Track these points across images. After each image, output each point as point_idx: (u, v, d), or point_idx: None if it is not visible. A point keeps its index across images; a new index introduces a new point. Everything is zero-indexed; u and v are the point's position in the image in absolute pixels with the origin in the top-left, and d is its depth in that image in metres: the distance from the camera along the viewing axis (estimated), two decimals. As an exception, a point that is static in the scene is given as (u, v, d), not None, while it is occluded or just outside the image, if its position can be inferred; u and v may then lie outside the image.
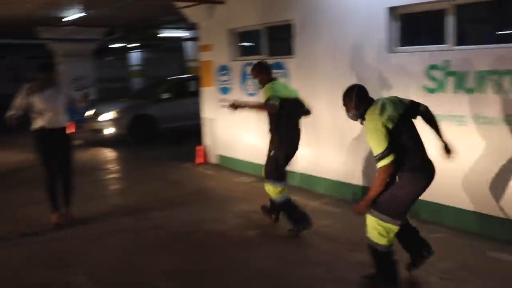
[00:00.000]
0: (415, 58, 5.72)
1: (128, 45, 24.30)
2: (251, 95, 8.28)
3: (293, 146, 5.62)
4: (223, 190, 7.69)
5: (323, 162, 7.17)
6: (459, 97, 5.33)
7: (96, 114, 12.88)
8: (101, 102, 15.52)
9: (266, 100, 5.39)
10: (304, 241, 5.39)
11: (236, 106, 5.59)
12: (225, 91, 9.04)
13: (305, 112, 5.86)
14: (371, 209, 3.98)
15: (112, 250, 5.34)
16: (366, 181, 6.37)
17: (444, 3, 5.43)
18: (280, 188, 5.56)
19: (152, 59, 29.67)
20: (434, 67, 5.51)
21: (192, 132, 11.31)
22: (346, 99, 4.15)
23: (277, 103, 5.33)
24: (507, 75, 4.91)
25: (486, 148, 5.19)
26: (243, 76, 8.47)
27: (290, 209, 5.66)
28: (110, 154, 11.75)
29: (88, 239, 5.69)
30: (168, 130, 13.11)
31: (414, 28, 6.21)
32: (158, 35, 19.81)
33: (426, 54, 5.62)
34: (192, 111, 11.13)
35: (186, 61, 20.40)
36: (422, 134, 4.08)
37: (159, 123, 12.86)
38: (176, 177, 8.79)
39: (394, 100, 4.04)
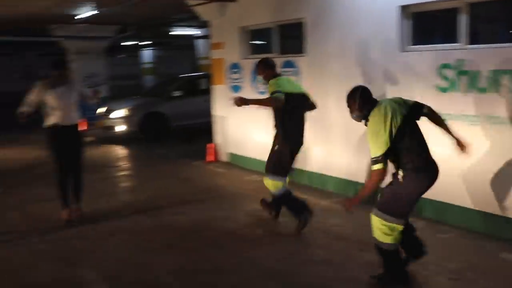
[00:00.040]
0: (427, 57, 5.68)
1: (140, 43, 24.39)
2: (261, 93, 8.26)
3: (298, 141, 5.66)
4: (234, 188, 7.70)
5: (334, 160, 7.14)
6: (472, 96, 5.28)
7: (108, 112, 12.94)
8: (112, 99, 15.60)
9: (271, 95, 5.41)
10: (314, 240, 5.38)
11: (241, 102, 5.56)
12: (236, 89, 9.05)
13: (310, 106, 5.88)
14: (375, 209, 4.01)
15: (122, 247, 5.36)
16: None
17: (457, 2, 5.38)
18: (279, 182, 5.59)
19: (164, 57, 29.79)
20: (446, 66, 5.46)
21: (203, 130, 11.32)
22: (350, 100, 4.16)
23: (282, 97, 5.35)
24: (520, 75, 4.86)
25: (499, 148, 5.13)
26: (254, 74, 8.46)
27: (290, 201, 5.69)
28: (121, 151, 11.81)
29: (99, 236, 5.73)
30: (179, 128, 13.14)
31: (426, 26, 6.17)
32: (170, 33, 19.86)
33: (438, 53, 5.57)
34: (204, 109, 11.14)
35: (197, 59, 20.43)
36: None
37: (170, 121, 12.90)
38: (187, 175, 8.81)
39: (398, 101, 4.05)
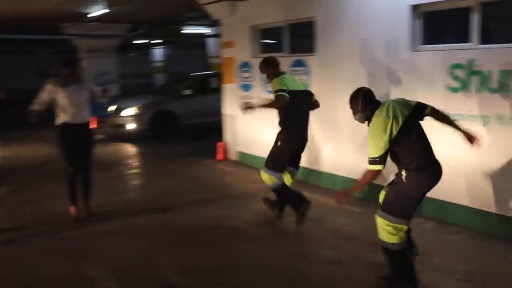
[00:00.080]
0: (438, 57, 5.63)
1: (151, 41, 24.47)
2: (271, 92, 8.24)
3: (301, 138, 5.73)
4: (242, 187, 7.70)
5: (343, 160, 7.11)
6: (483, 97, 5.23)
7: (118, 110, 13.00)
8: (123, 97, 15.68)
9: (275, 94, 5.45)
10: (323, 240, 5.36)
11: (247, 109, 5.67)
12: (246, 88, 9.04)
13: (313, 105, 5.93)
14: (379, 210, 4.05)
15: (131, 245, 5.38)
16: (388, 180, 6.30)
17: (469, 1, 5.33)
18: (275, 178, 5.65)
19: (175, 55, 29.88)
20: (458, 66, 5.41)
21: (213, 128, 11.33)
22: (353, 102, 4.18)
23: (286, 96, 5.40)
24: (532, 75, 4.82)
25: (510, 149, 5.08)
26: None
27: (286, 193, 5.76)
28: (131, 149, 11.86)
29: (107, 233, 5.75)
30: (189, 126, 13.16)
31: (437, 26, 6.12)
32: (181, 31, 19.91)
33: (449, 53, 5.53)
34: (214, 107, 11.14)
35: (208, 57, 20.46)
36: (440, 137, 4.04)
37: (180, 119, 12.92)
38: (196, 173, 8.82)
39: (401, 102, 4.07)
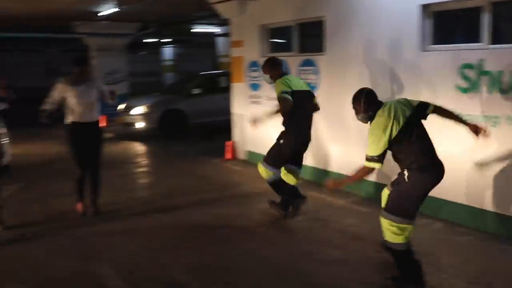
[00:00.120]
0: (448, 56, 5.59)
1: (161, 40, 24.54)
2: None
3: (303, 139, 5.82)
4: (250, 186, 7.69)
5: (352, 160, 7.07)
6: (493, 97, 5.18)
7: (128, 108, 13.05)
8: (133, 96, 15.74)
9: (279, 97, 5.52)
10: (330, 240, 5.34)
11: (256, 123, 5.83)
12: (255, 87, 9.03)
13: (314, 106, 6.00)
14: (383, 211, 4.08)
15: (138, 243, 5.39)
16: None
17: (479, 0, 5.29)
18: (272, 172, 5.80)
19: (184, 54, 29.93)
20: (468, 66, 5.37)
21: (222, 127, 11.34)
22: (356, 102, 4.21)
23: (290, 98, 5.47)
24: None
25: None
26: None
27: (282, 187, 5.88)
28: (140, 148, 11.89)
29: (115, 232, 5.77)
30: (198, 125, 13.19)
31: (447, 26, 6.07)
32: (191, 30, 19.94)
33: (459, 53, 5.48)
34: (223, 106, 11.15)
35: (218, 56, 20.48)
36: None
37: (189, 118, 12.94)
38: (204, 172, 8.83)
39: (403, 103, 4.11)
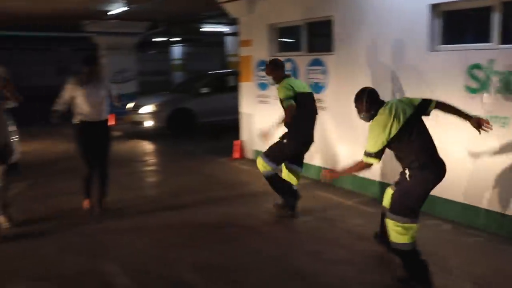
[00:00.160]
0: (457, 57, 5.55)
1: (170, 39, 24.60)
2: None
3: (305, 139, 5.86)
4: (258, 185, 7.67)
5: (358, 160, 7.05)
6: (503, 98, 5.14)
7: (136, 107, 13.10)
8: (141, 95, 15.79)
9: (283, 101, 5.62)
10: (337, 240, 5.33)
11: (267, 135, 5.89)
12: (263, 86, 9.03)
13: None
14: (387, 212, 4.13)
15: (146, 241, 5.40)
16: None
17: (489, 0, 5.25)
18: (270, 167, 5.82)
19: (193, 53, 29.98)
20: (477, 66, 5.33)
21: (230, 127, 11.34)
22: (358, 101, 4.31)
23: (293, 104, 5.55)
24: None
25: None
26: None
27: (278, 183, 5.93)
28: (148, 146, 11.92)
29: (123, 229, 5.78)
30: (206, 124, 13.21)
31: (456, 25, 6.03)
32: (200, 29, 19.97)
33: (468, 53, 5.44)
34: (232, 105, 11.15)
35: (227, 56, 20.50)
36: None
37: (198, 117, 12.97)
38: (212, 171, 8.84)
39: (405, 102, 4.17)
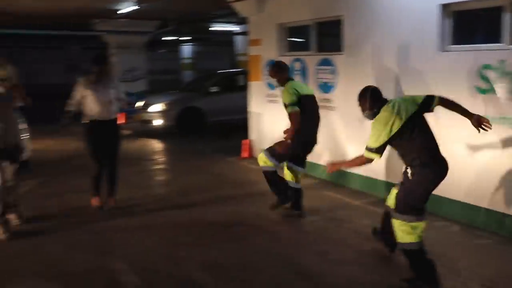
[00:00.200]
0: (468, 57, 5.52)
1: (180, 38, 24.63)
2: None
3: (308, 140, 5.93)
4: (266, 185, 7.62)
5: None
6: (513, 98, 5.12)
7: (146, 106, 13.15)
8: (151, 93, 15.83)
9: (288, 107, 5.68)
10: (345, 240, 5.32)
11: (285, 146, 5.80)
12: (272, 86, 9.03)
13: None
14: (393, 212, 4.18)
15: (154, 240, 5.42)
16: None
17: (500, 0, 5.22)
18: (271, 163, 5.90)
19: (203, 52, 30.00)
20: (488, 67, 5.30)
21: (240, 126, 11.35)
22: (361, 99, 4.36)
23: (298, 110, 5.63)
24: None
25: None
26: (291, 72, 8.41)
27: (275, 180, 6.01)
28: (157, 145, 11.97)
29: (131, 228, 5.81)
30: (216, 123, 13.23)
31: (467, 26, 6.00)
32: (210, 29, 19.99)
33: (479, 53, 5.41)
34: (241, 105, 11.13)
35: (236, 55, 20.51)
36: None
37: (207, 116, 13.00)
38: (221, 170, 8.86)
39: (408, 100, 4.22)
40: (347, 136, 7.36)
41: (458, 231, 5.50)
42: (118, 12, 13.58)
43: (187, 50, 28.63)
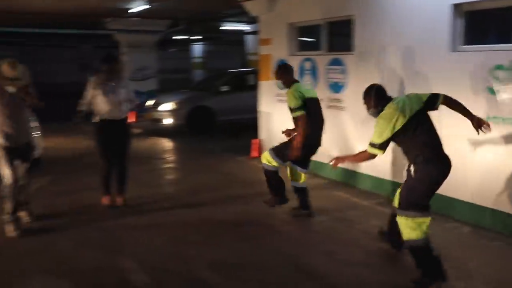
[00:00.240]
0: (480, 57, 5.48)
1: (190, 37, 24.68)
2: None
3: (314, 142, 5.91)
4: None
5: (380, 160, 6.99)
6: (525, 99, 5.07)
7: (156, 104, 13.19)
8: (161, 92, 15.87)
9: (294, 111, 5.70)
10: (354, 240, 5.31)
11: (298, 151, 5.76)
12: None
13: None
14: (397, 209, 4.21)
15: (164, 238, 5.44)
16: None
17: (513, 0, 5.19)
18: (275, 162, 5.91)
19: (213, 51, 30.05)
20: (500, 67, 5.26)
21: (250, 125, 11.35)
22: (366, 97, 4.43)
23: (304, 113, 5.66)
24: None
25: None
26: (301, 71, 8.41)
27: (275, 180, 6.03)
28: (167, 144, 12.01)
29: (141, 226, 5.84)
30: (225, 122, 13.24)
31: (479, 26, 5.96)
32: (220, 28, 20.00)
33: (491, 54, 5.37)
34: (251, 104, 11.13)
35: (247, 54, 20.51)
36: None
37: (217, 115, 13.01)
38: (230, 169, 8.87)
39: (413, 98, 4.24)
40: (357, 136, 7.33)
41: (469, 232, 5.46)
42: (129, 11, 13.63)
43: (197, 49, 28.68)
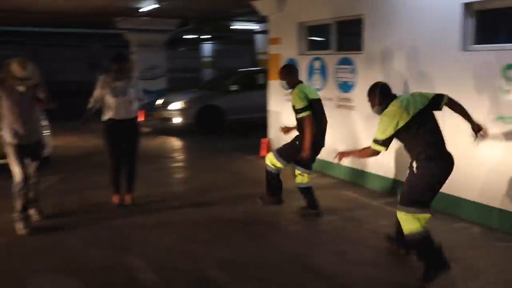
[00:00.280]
0: (491, 57, 5.43)
1: (200, 36, 24.72)
2: (317, 90, 8.19)
3: (319, 143, 5.91)
4: (285, 184, 7.63)
5: (388, 160, 6.98)
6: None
7: (165, 103, 13.22)
8: (171, 91, 15.90)
9: (300, 113, 5.69)
10: (362, 240, 5.29)
11: (307, 152, 5.74)
12: (291, 85, 9.00)
13: None
14: (398, 205, 4.25)
15: (172, 237, 5.45)
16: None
17: (525, -1, 5.14)
18: (280, 164, 5.96)
19: (223, 51, 30.08)
20: (511, 67, 5.21)
21: (259, 124, 11.34)
22: (371, 95, 4.47)
23: (310, 113, 5.67)
24: None
25: None
26: (310, 71, 8.40)
27: (275, 182, 6.10)
28: (176, 143, 12.03)
29: (150, 225, 5.85)
30: (235, 122, 13.24)
31: (490, 25, 5.91)
32: (230, 27, 20.01)
33: (502, 53, 5.32)
34: (261, 103, 11.12)
35: (256, 53, 20.50)
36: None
37: (226, 114, 13.01)
38: (239, 169, 8.87)
39: (417, 96, 4.27)
40: (367, 136, 7.29)
41: (478, 233, 5.43)
42: (139, 10, 13.67)
43: (207, 48, 28.73)
